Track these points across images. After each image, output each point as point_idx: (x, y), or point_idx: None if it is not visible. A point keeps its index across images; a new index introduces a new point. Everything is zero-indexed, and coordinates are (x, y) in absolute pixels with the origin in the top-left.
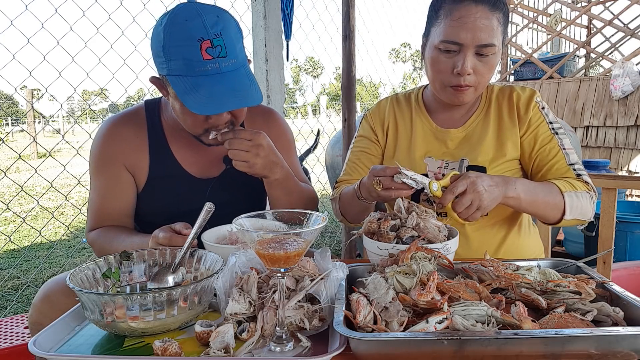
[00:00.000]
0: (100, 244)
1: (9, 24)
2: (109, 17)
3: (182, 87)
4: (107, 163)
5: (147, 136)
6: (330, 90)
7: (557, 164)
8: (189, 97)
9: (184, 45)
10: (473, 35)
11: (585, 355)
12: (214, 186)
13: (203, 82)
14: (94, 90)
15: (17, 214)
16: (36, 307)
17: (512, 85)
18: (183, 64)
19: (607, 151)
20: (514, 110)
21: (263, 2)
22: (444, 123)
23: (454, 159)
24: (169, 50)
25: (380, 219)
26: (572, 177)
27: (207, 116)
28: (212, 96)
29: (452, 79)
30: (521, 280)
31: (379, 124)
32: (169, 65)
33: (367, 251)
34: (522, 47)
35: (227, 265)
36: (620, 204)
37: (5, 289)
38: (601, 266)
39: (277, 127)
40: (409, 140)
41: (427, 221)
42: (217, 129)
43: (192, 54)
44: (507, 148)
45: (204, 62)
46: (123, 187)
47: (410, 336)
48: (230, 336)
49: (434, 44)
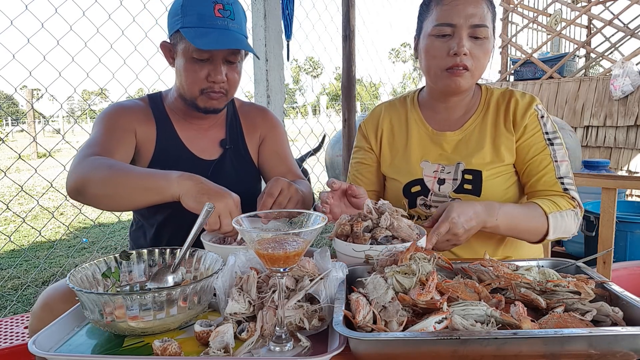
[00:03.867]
0: (103, 161)
1: (9, 24)
2: (109, 17)
3: (193, 34)
4: (117, 121)
5: (153, 115)
6: (330, 90)
7: (545, 176)
8: (198, 40)
9: (200, 4)
10: (465, 15)
11: (584, 355)
12: (215, 167)
13: (211, 32)
14: (94, 90)
15: (17, 214)
16: (36, 315)
17: (512, 90)
18: (196, 18)
19: (607, 151)
20: (509, 116)
21: (263, 2)
22: (439, 126)
23: (450, 162)
24: (186, 8)
25: (351, 221)
26: (559, 192)
27: (207, 73)
28: (217, 40)
29: (448, 60)
30: (520, 280)
31: (372, 132)
32: (183, 20)
33: (339, 254)
34: (522, 47)
35: (227, 265)
36: (620, 204)
37: (5, 289)
38: (601, 266)
39: (270, 121)
40: (405, 145)
41: (400, 220)
42: (214, 92)
43: (205, 10)
44: (503, 152)
45: (215, 18)
46: (126, 143)
47: (409, 336)
48: (229, 336)
49: (427, 32)
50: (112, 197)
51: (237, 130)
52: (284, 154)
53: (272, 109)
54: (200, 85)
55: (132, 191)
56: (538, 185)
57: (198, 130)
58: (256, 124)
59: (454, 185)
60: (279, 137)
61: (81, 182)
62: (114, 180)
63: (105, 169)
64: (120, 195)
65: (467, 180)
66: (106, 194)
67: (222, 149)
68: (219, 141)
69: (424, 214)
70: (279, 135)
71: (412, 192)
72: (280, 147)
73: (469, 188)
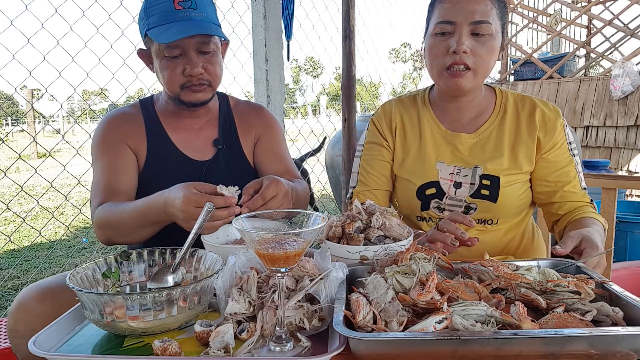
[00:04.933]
0: (108, 212)
1: (9, 24)
2: (109, 17)
3: (157, 32)
4: (112, 142)
5: (144, 121)
6: (330, 90)
7: (574, 187)
8: (161, 36)
9: (160, 2)
10: (466, 12)
11: (584, 355)
12: (209, 168)
13: (174, 26)
14: (94, 90)
15: (17, 214)
16: (12, 315)
17: (531, 97)
18: (159, 16)
19: (607, 151)
20: (535, 126)
21: (263, 2)
22: (453, 126)
23: (467, 165)
24: (148, 9)
25: (342, 223)
26: (587, 202)
27: (183, 68)
28: (179, 30)
29: (448, 59)
30: (521, 280)
31: (387, 127)
32: (148, 22)
33: (332, 256)
34: (522, 47)
35: (227, 265)
36: (620, 204)
37: (5, 289)
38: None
39: (266, 119)
40: (418, 145)
41: (391, 220)
42: (194, 85)
43: (166, 6)
44: (521, 160)
45: (176, 11)
46: (129, 163)
47: (409, 336)
48: (229, 336)
49: (430, 32)
50: (135, 238)
51: (230, 129)
52: (281, 153)
53: (272, 109)
54: (178, 81)
55: (145, 232)
56: (570, 196)
57: (190, 131)
58: (251, 122)
59: (471, 190)
60: (275, 136)
61: (105, 239)
62: (125, 230)
63: (113, 229)
64: (142, 235)
65: (484, 185)
66: (128, 241)
67: (215, 149)
68: (211, 141)
69: (436, 217)
70: (274, 133)
71: (426, 195)
72: (277, 146)
73: (486, 194)
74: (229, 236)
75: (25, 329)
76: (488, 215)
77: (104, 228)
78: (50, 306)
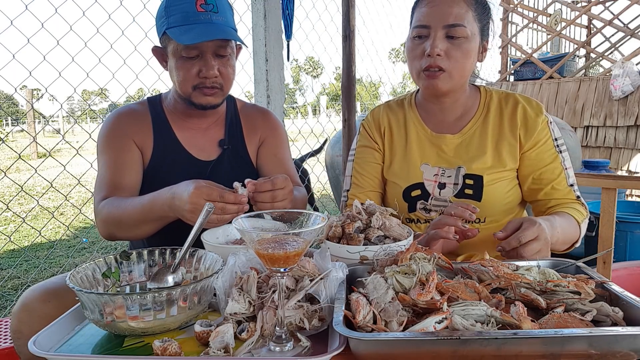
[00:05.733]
0: (112, 206)
1: (9, 24)
2: (109, 17)
3: (178, 32)
4: (118, 138)
5: (151, 119)
6: (330, 90)
7: (560, 184)
8: (182, 36)
9: (182, 2)
10: (440, 16)
11: (584, 355)
12: (214, 167)
13: (195, 27)
14: (94, 90)
15: (17, 214)
16: (16, 316)
17: (515, 95)
18: (180, 16)
19: (607, 151)
20: (516, 123)
21: (263, 2)
22: (437, 128)
23: (450, 165)
24: (169, 8)
25: (342, 222)
26: (573, 199)
27: (198, 70)
28: (201, 33)
29: (424, 61)
30: (521, 280)
31: (376, 131)
32: (168, 21)
33: (331, 256)
34: (522, 47)
35: (227, 265)
36: (620, 204)
37: (5, 289)
38: (601, 266)
39: (271, 123)
40: (404, 148)
41: (391, 220)
42: (207, 87)
43: (188, 7)
44: (505, 158)
45: (198, 13)
46: (134, 159)
47: (409, 336)
48: (229, 336)
49: (409, 36)
50: (137, 234)
51: (236, 131)
52: (283, 158)
53: (272, 109)
54: (192, 82)
55: (148, 228)
56: (555, 193)
57: (197, 130)
58: (257, 125)
59: (454, 190)
60: (279, 140)
61: (107, 234)
62: (128, 225)
63: (116, 224)
64: (144, 231)
65: (468, 185)
66: (130, 236)
67: (221, 149)
68: (217, 141)
69: (424, 217)
70: (279, 138)
71: (412, 196)
72: (280, 151)
73: (469, 193)
74: (229, 236)
75: (29, 330)
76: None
77: (107, 222)
78: (54, 307)
